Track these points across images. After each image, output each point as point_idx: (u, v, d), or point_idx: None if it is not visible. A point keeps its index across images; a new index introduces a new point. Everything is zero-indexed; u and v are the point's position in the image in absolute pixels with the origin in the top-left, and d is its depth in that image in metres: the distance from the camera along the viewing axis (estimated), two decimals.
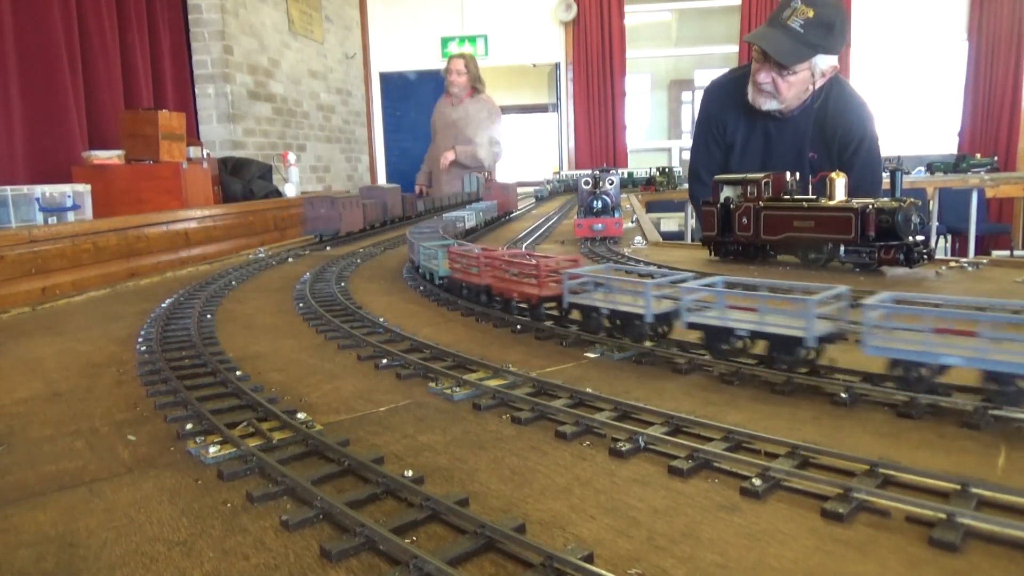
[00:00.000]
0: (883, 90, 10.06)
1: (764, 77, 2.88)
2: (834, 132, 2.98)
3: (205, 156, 5.46)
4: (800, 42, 2.75)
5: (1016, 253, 8.33)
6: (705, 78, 11.41)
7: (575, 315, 1.35)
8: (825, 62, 2.83)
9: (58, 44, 4.85)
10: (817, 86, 2.91)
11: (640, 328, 1.19)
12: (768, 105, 2.96)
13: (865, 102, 3.11)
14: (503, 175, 6.76)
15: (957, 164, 8.30)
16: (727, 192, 2.17)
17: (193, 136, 6.27)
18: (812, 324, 0.94)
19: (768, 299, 1.02)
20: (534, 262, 1.40)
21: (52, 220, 3.72)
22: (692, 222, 7.55)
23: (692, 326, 1.10)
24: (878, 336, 0.88)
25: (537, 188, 6.02)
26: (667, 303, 1.16)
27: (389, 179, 10.95)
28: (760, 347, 1.05)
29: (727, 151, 3.24)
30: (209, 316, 1.64)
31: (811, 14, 2.72)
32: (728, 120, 3.22)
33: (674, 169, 8.24)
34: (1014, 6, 9.16)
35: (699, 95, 3.60)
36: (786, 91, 2.88)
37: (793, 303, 0.99)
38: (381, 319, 1.49)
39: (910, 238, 1.83)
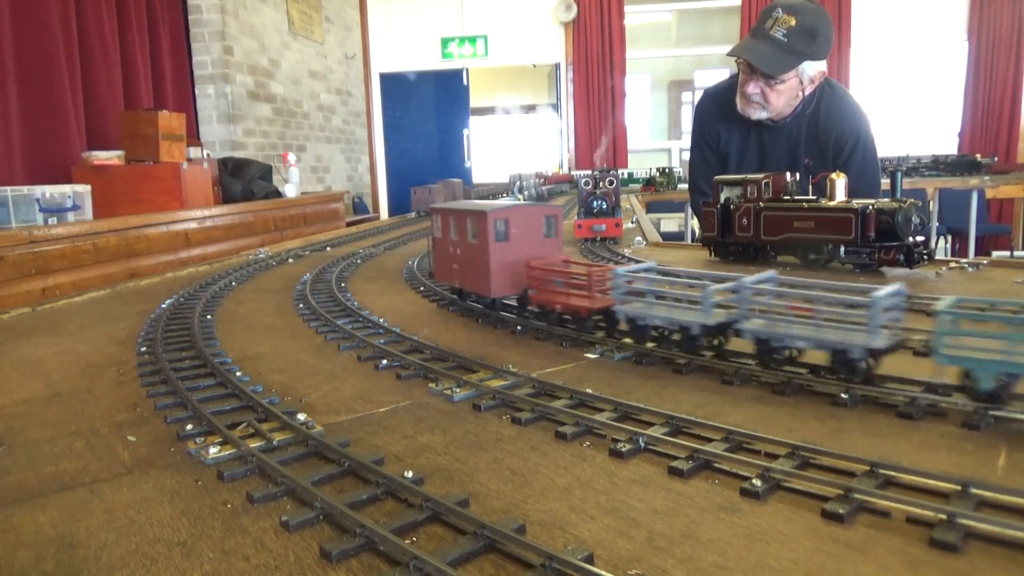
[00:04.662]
0: (883, 91, 10.07)
1: (752, 88, 2.89)
2: (828, 137, 2.98)
3: (205, 157, 5.47)
4: (784, 51, 2.75)
5: (1016, 254, 8.33)
6: (705, 78, 11.42)
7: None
8: (812, 68, 2.84)
9: (57, 45, 4.85)
10: (807, 92, 2.92)
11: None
12: (758, 115, 2.97)
13: (858, 105, 3.11)
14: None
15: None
16: (727, 193, 2.17)
17: (193, 136, 6.27)
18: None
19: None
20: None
21: (52, 221, 3.72)
22: (692, 223, 7.56)
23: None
24: None
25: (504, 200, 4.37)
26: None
27: (389, 180, 10.96)
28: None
29: (723, 160, 3.25)
30: (209, 317, 1.64)
31: (793, 22, 2.73)
32: (721, 130, 3.23)
33: (674, 169, 8.23)
34: (1014, 6, 9.16)
35: (699, 96, 3.59)
36: (775, 100, 2.89)
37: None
38: (381, 320, 1.49)
39: (910, 239, 1.83)
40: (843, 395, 0.92)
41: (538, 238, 1.45)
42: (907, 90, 10.23)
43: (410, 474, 0.74)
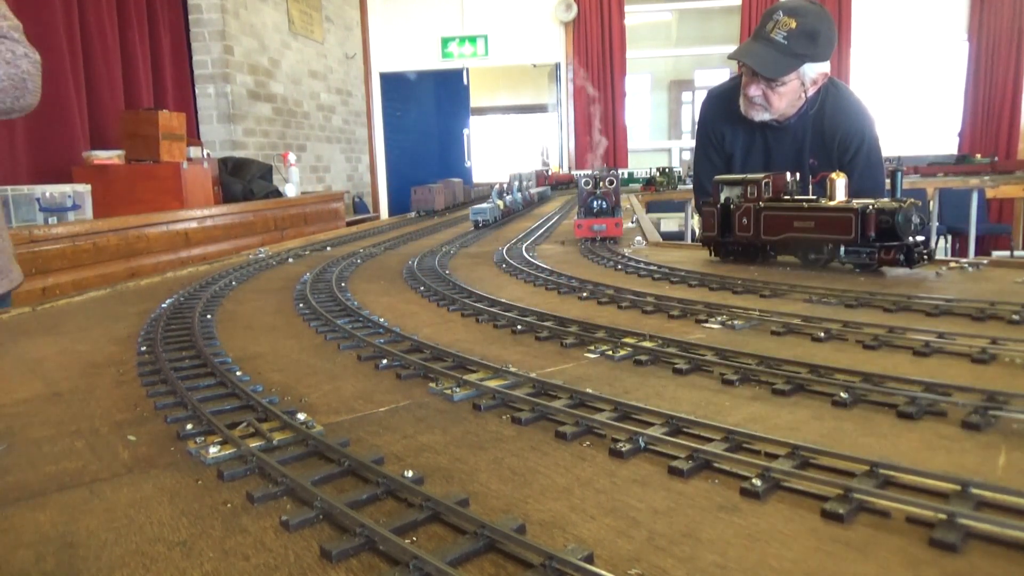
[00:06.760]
0: (883, 91, 10.06)
1: (754, 91, 2.90)
2: (832, 137, 2.98)
3: (205, 156, 5.47)
4: (785, 54, 2.75)
5: (1016, 253, 8.33)
6: (705, 78, 11.42)
7: None
8: (814, 70, 2.84)
9: (59, 44, 4.85)
10: (809, 94, 2.92)
11: None
12: (760, 116, 2.98)
13: (863, 105, 3.12)
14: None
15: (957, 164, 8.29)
16: (727, 192, 2.17)
17: (193, 136, 6.27)
18: None
19: None
20: None
21: (52, 220, 3.73)
22: (692, 223, 7.56)
23: None
24: None
25: (478, 207, 3.56)
26: None
27: (389, 180, 10.96)
28: None
29: (728, 161, 3.25)
30: (209, 316, 1.64)
31: (794, 25, 2.73)
32: (726, 131, 3.23)
33: (674, 169, 8.23)
34: (1014, 6, 9.16)
35: (699, 95, 3.59)
36: (777, 102, 2.90)
37: None
38: (381, 319, 1.49)
39: (910, 238, 1.83)
40: (843, 395, 0.92)
41: None
42: (907, 90, 10.23)
43: (410, 474, 0.74)
